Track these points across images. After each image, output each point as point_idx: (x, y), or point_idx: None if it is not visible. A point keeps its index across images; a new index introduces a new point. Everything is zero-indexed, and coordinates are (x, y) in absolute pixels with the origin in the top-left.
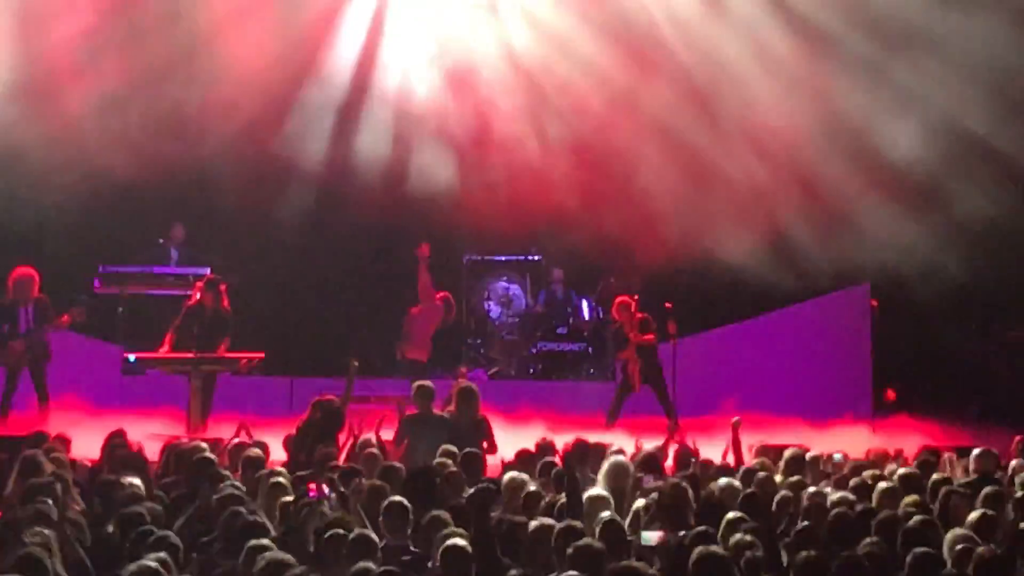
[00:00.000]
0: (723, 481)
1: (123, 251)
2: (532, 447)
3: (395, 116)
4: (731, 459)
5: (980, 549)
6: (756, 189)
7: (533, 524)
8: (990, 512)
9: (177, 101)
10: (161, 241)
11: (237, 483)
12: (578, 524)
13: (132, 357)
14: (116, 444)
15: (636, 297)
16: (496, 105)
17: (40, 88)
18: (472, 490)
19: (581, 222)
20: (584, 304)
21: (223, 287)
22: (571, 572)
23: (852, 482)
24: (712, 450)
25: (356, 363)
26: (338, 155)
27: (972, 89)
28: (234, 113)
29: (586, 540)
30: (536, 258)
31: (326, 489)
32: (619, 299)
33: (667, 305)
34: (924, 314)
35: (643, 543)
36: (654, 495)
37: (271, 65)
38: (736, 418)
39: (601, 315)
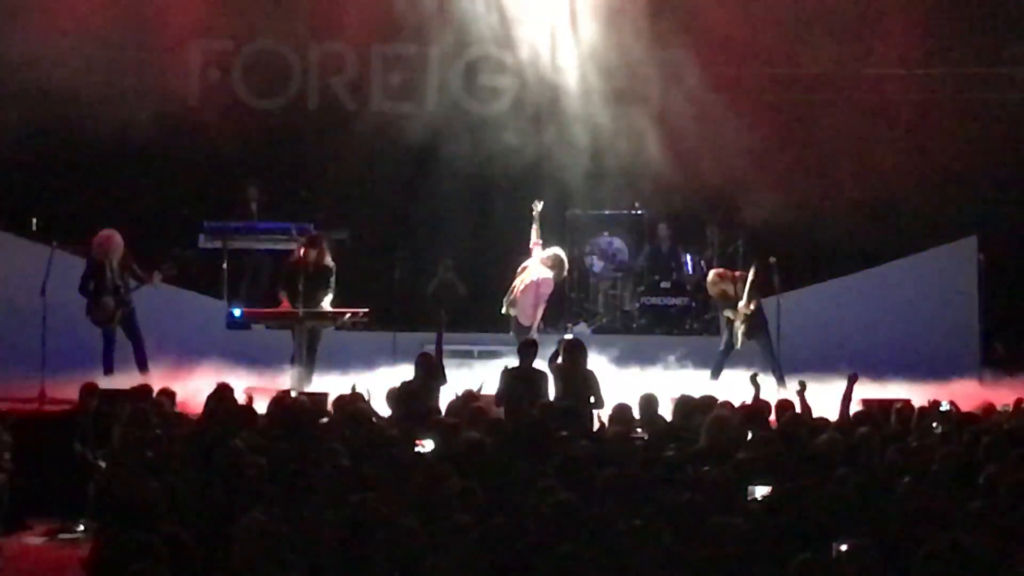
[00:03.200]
0: (828, 435)
1: (208, 207)
2: (634, 402)
3: (499, 72)
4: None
5: None
6: (861, 141)
7: (637, 477)
8: None
9: (275, 55)
10: (253, 205)
11: (340, 438)
12: (682, 477)
13: (237, 312)
14: (221, 398)
15: (723, 269)
16: (599, 60)
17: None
18: (576, 444)
19: (683, 177)
20: (687, 259)
21: (325, 243)
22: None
23: (958, 436)
24: (817, 404)
25: (445, 315)
26: (440, 110)
27: None
28: (336, 68)
29: (688, 495)
30: (638, 212)
31: (428, 442)
32: (710, 277)
33: (771, 259)
34: None
35: (750, 497)
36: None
37: (370, 19)
38: (853, 372)
39: (704, 270)
